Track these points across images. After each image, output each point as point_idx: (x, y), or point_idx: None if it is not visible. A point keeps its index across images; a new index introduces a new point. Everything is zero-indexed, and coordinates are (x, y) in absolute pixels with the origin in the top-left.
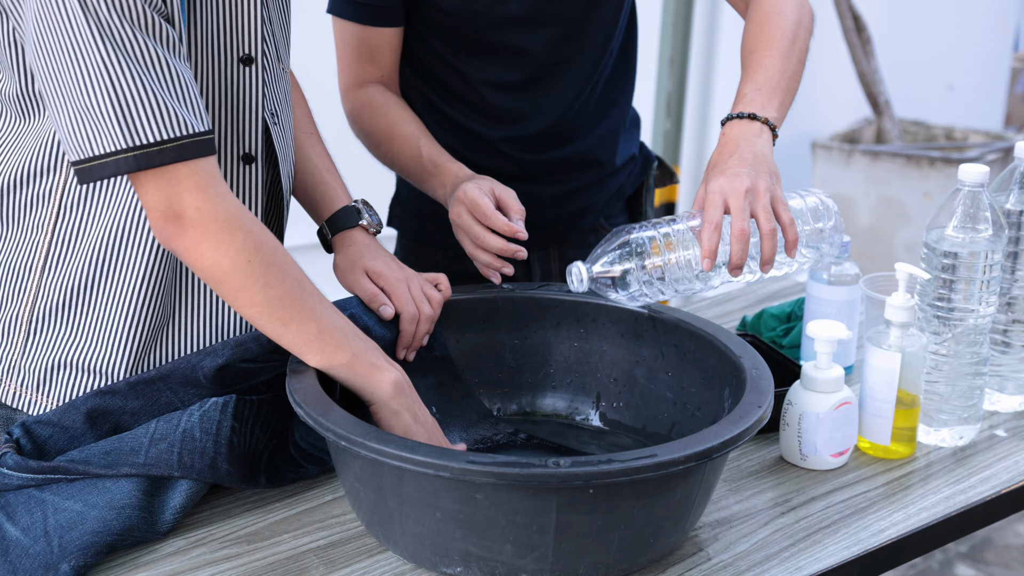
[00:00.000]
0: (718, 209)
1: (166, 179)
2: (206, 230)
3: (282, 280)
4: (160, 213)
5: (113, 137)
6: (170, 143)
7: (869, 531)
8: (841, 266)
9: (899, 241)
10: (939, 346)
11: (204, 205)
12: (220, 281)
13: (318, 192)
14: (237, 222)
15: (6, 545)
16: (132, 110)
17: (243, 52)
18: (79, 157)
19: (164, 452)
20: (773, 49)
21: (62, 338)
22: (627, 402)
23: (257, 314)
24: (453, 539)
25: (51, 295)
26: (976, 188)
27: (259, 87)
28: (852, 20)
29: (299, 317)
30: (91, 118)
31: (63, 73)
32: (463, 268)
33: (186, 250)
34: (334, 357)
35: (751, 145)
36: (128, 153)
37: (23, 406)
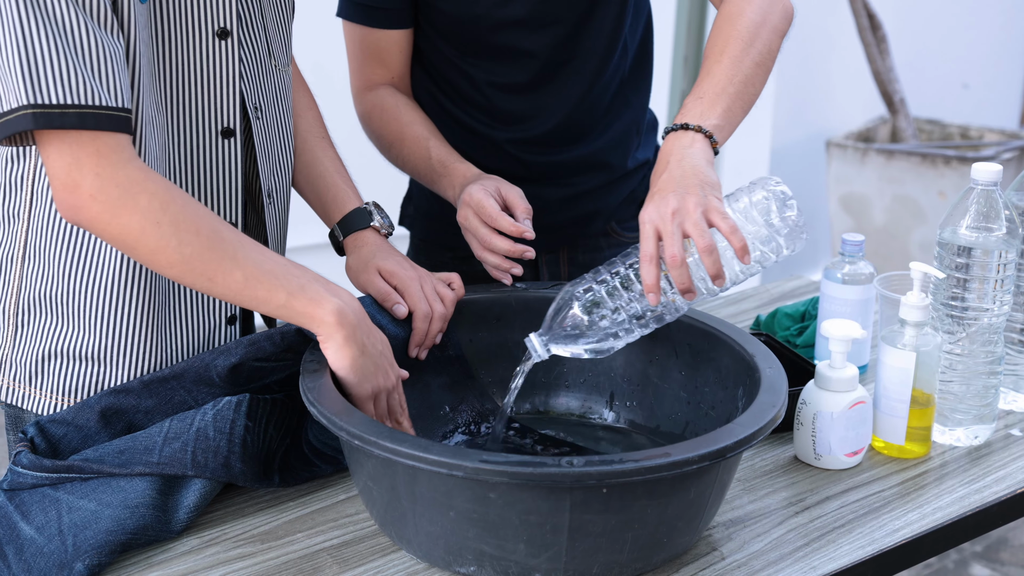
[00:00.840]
0: (650, 240)
1: (67, 144)
2: (107, 196)
3: (196, 235)
4: (60, 182)
5: (17, 93)
6: (73, 108)
7: (884, 531)
8: (856, 265)
9: (914, 240)
10: (953, 345)
11: (104, 171)
12: (132, 247)
13: (329, 195)
14: (139, 185)
15: (21, 544)
16: (39, 69)
17: (219, 25)
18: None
19: (178, 451)
20: (725, 54)
21: (50, 328)
22: (641, 401)
23: (179, 274)
24: (466, 538)
25: (34, 285)
26: (990, 187)
27: (235, 61)
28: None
29: (222, 268)
30: (2, 74)
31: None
32: (472, 269)
33: (91, 221)
34: (269, 301)
35: (680, 160)
36: (28, 110)
37: (17, 401)
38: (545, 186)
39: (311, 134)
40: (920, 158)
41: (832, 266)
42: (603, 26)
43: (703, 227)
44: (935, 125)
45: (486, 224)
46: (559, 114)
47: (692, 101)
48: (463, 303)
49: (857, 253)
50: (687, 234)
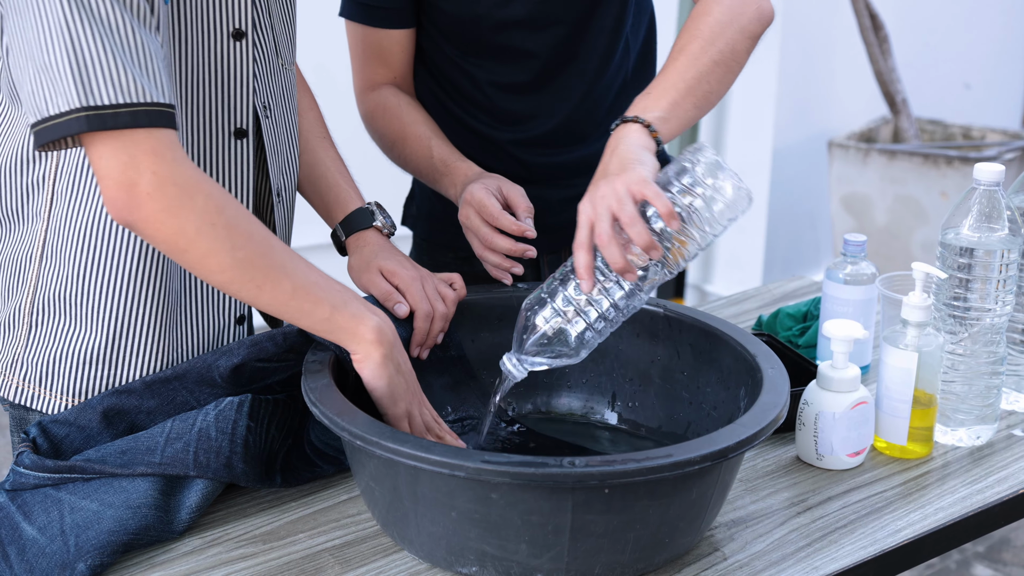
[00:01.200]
0: (583, 228)
1: (122, 143)
2: (164, 195)
3: (248, 240)
4: (114, 181)
5: (68, 96)
6: (125, 107)
7: (886, 531)
8: (858, 266)
9: (916, 240)
10: (955, 345)
11: (161, 169)
12: (185, 249)
13: (331, 195)
14: (196, 185)
15: (23, 544)
16: (89, 70)
17: (234, 26)
18: (36, 118)
19: (180, 451)
20: (683, 52)
21: (64, 329)
22: (643, 401)
23: (228, 279)
24: (468, 539)
25: (50, 285)
26: (992, 187)
27: (250, 62)
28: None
29: (272, 276)
30: (49, 77)
31: (27, 32)
32: (474, 269)
33: (144, 220)
34: (313, 313)
35: (614, 150)
36: (81, 113)
37: (25, 401)
38: (547, 187)
39: (312, 134)
40: (922, 158)
41: (834, 266)
42: (604, 26)
43: (624, 199)
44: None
45: (487, 223)
46: (560, 114)
47: (639, 98)
48: (465, 303)
49: (859, 253)
50: (614, 213)
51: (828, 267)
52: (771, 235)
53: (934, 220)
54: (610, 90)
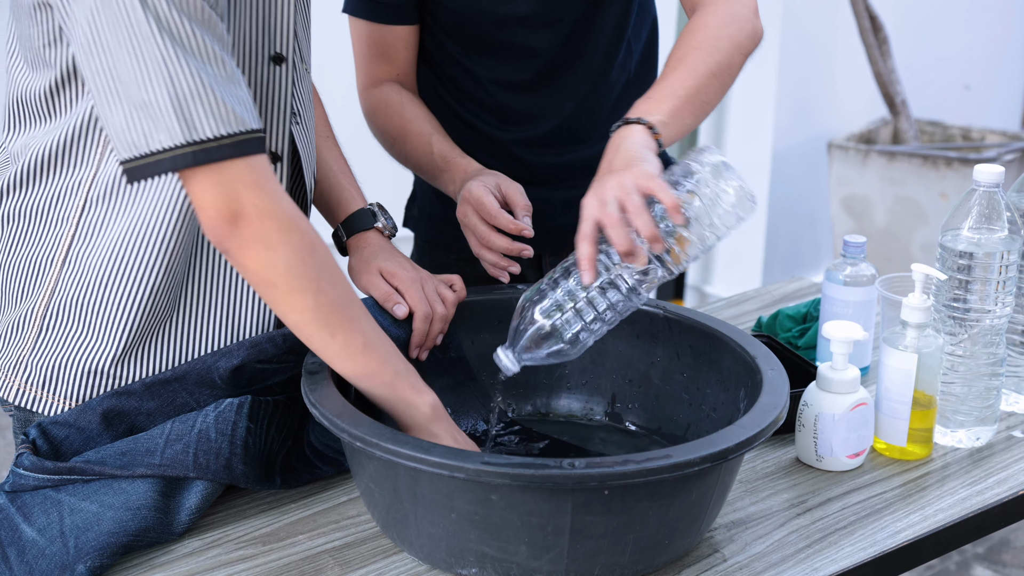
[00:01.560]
0: (587, 221)
1: (224, 176)
2: (264, 228)
3: (333, 286)
4: (216, 211)
5: (171, 132)
6: (228, 139)
7: (885, 532)
8: (857, 267)
9: (915, 242)
10: (955, 347)
11: (263, 203)
12: (273, 283)
13: (333, 195)
14: (294, 222)
15: (22, 546)
16: (190, 104)
17: (274, 51)
18: (132, 155)
19: (179, 453)
20: (682, 62)
21: (75, 336)
22: (642, 403)
23: (305, 321)
24: (468, 540)
25: (68, 290)
26: (991, 188)
27: (288, 87)
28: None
29: (347, 327)
30: (148, 113)
31: (120, 68)
32: (475, 271)
33: (239, 249)
34: (378, 374)
35: (618, 149)
36: (186, 149)
37: (28, 403)
38: (549, 188)
39: (317, 134)
40: (922, 160)
41: (834, 268)
42: (606, 25)
43: (630, 191)
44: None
45: (485, 221)
46: (562, 114)
47: (640, 102)
48: (464, 305)
49: (859, 255)
50: (621, 203)
51: (828, 268)
52: (771, 236)
53: (934, 221)
54: (612, 91)
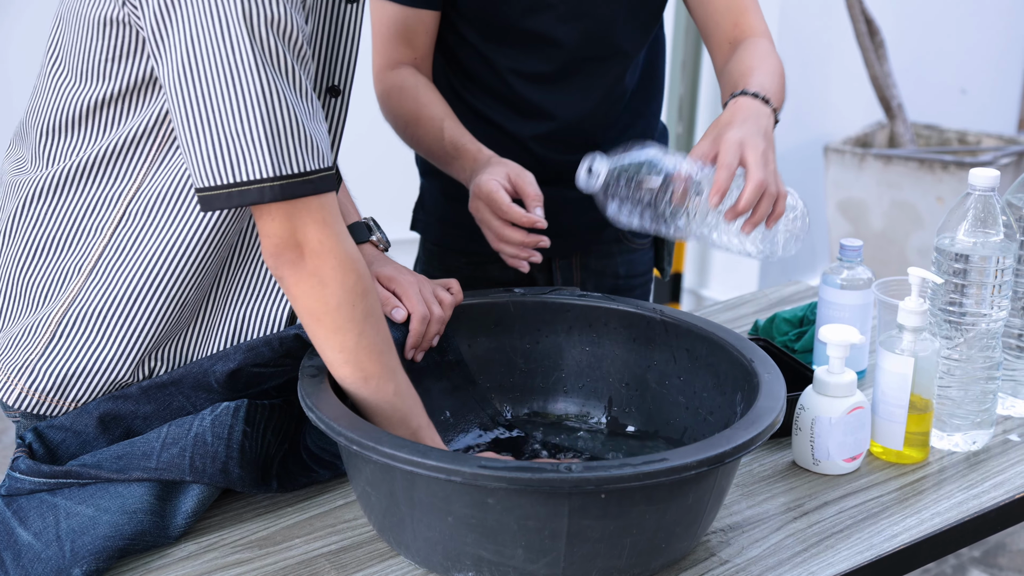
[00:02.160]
0: (736, 156)
1: (297, 209)
2: (324, 263)
3: (376, 332)
4: (280, 240)
5: (262, 164)
6: (313, 175)
7: (882, 536)
8: (854, 270)
9: (912, 245)
10: (952, 350)
11: (328, 240)
12: (320, 318)
13: None
14: (352, 263)
15: (18, 550)
16: (284, 138)
17: (333, 83)
18: (214, 183)
19: (176, 456)
20: (774, 76)
21: (89, 344)
22: (639, 407)
23: (343, 360)
24: (465, 544)
25: (90, 300)
26: (987, 192)
27: (342, 118)
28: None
29: (382, 373)
30: (241, 143)
31: (216, 96)
32: (486, 275)
33: (295, 279)
34: (402, 425)
35: (763, 122)
36: (275, 182)
37: (29, 407)
38: (562, 188)
39: None
40: (918, 163)
41: (830, 271)
42: (632, 30)
43: (780, 185)
44: (933, 130)
45: (498, 217)
46: (580, 111)
47: (765, 81)
48: (462, 308)
49: (855, 258)
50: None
51: (824, 272)
52: None
53: (930, 225)
54: (624, 96)
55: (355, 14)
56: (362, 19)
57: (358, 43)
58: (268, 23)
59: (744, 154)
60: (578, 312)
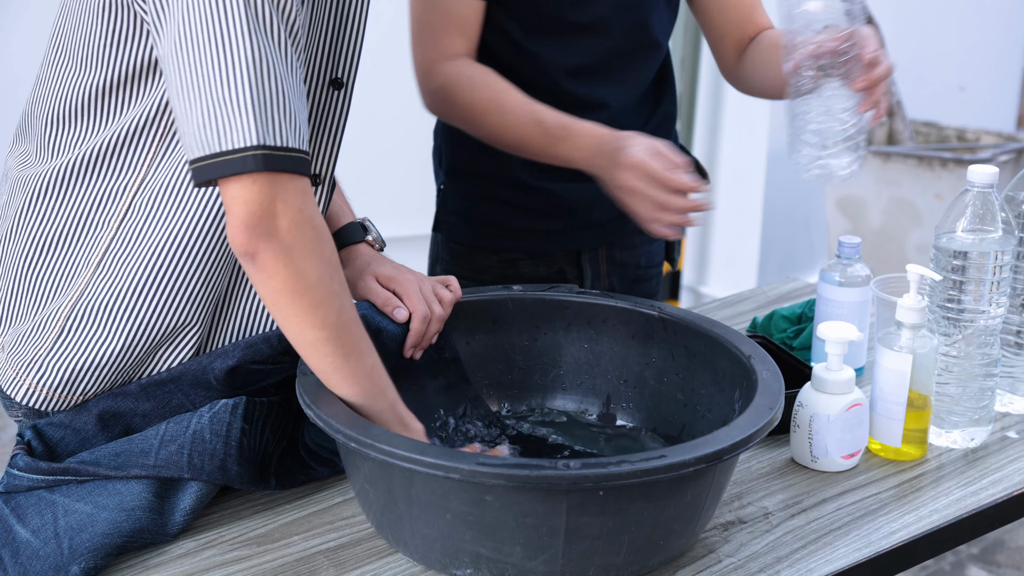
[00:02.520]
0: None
1: (274, 186)
2: (301, 235)
3: (352, 309)
4: (258, 206)
5: (247, 132)
6: (295, 152)
7: (880, 533)
8: (852, 267)
9: (910, 242)
10: (950, 347)
11: (307, 209)
12: (301, 293)
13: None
14: (326, 235)
15: (16, 547)
16: (271, 109)
17: (336, 75)
18: (203, 153)
19: (174, 454)
20: None
21: (97, 338)
22: (637, 404)
23: (323, 339)
24: (463, 541)
25: (97, 293)
26: (986, 189)
27: (345, 112)
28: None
29: (360, 349)
30: (228, 111)
31: (207, 63)
32: (518, 272)
33: (274, 255)
34: (379, 399)
35: None
36: (258, 151)
37: (37, 403)
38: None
39: None
40: (917, 160)
41: (829, 268)
42: (664, 22)
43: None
44: (932, 127)
45: (658, 185)
46: (620, 104)
47: None
48: (460, 306)
49: (854, 255)
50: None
51: (823, 269)
52: (766, 237)
53: (928, 222)
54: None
55: (361, 5)
56: (367, 11)
57: (363, 35)
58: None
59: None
60: (576, 309)
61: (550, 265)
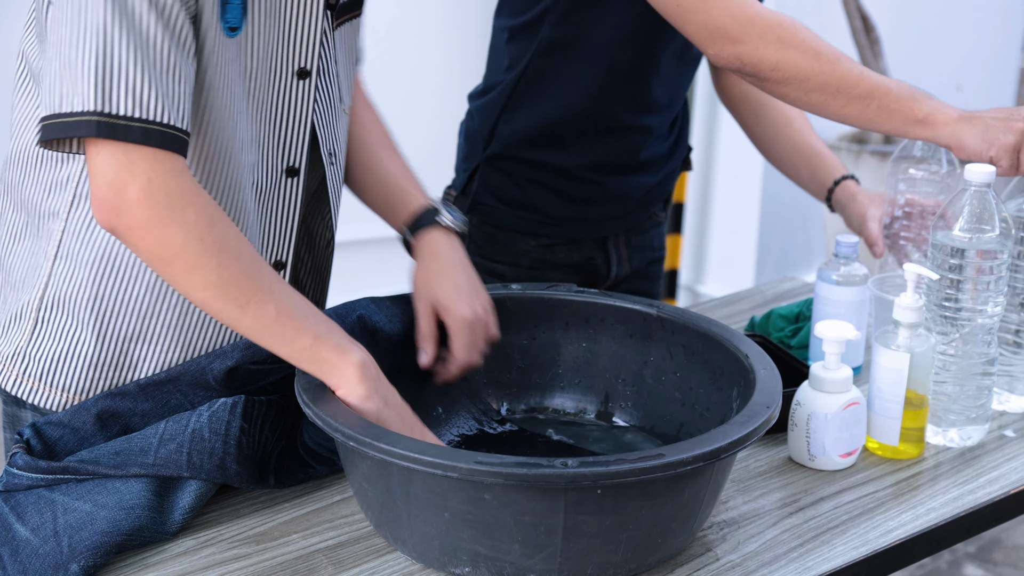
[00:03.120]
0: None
1: (127, 156)
2: (154, 203)
3: (237, 260)
4: (106, 180)
5: (85, 97)
6: (139, 122)
7: (877, 531)
8: (850, 267)
9: None
10: (947, 346)
11: (157, 177)
12: (169, 261)
13: (394, 198)
14: (189, 197)
15: (16, 545)
16: (114, 77)
17: (300, 65)
18: (48, 112)
19: (173, 452)
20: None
21: (69, 331)
22: (635, 402)
23: (212, 296)
24: (461, 539)
25: (60, 285)
26: (983, 188)
27: (311, 101)
28: (861, 21)
29: (257, 298)
30: (72, 74)
31: (63, 27)
32: (554, 257)
33: (129, 227)
34: (296, 340)
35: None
36: (93, 117)
37: (24, 395)
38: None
39: (380, 146)
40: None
41: (826, 267)
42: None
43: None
44: None
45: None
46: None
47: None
48: None
49: (851, 254)
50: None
51: (820, 268)
52: (763, 236)
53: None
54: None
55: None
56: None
57: (319, 24)
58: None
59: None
60: (575, 308)
61: (582, 251)
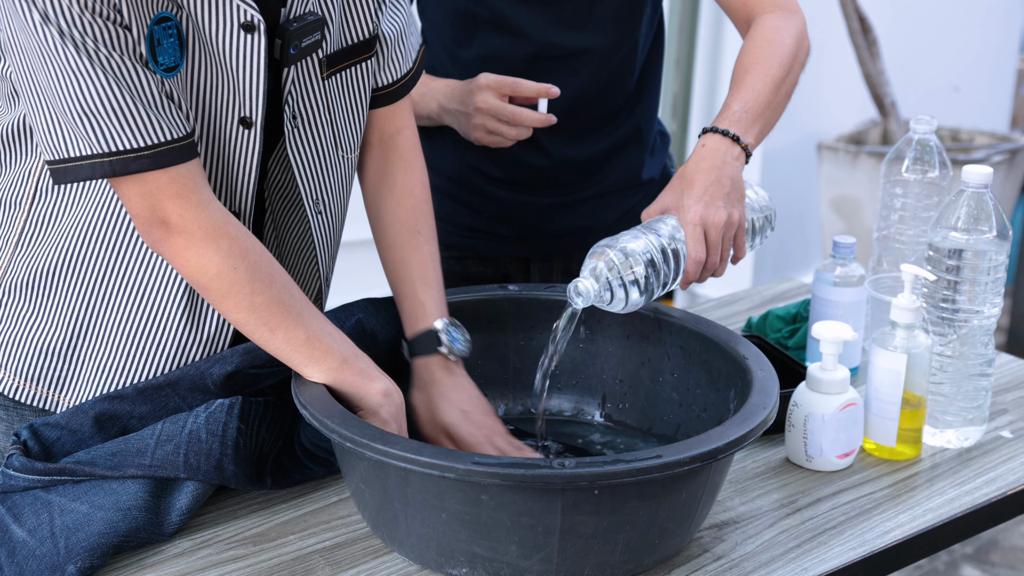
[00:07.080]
0: (701, 244)
1: (147, 186)
2: (191, 236)
3: (269, 287)
4: (144, 219)
5: (87, 142)
6: (146, 150)
7: (874, 532)
8: (847, 267)
9: None
10: (944, 347)
11: (187, 212)
12: (205, 287)
13: (406, 306)
14: (221, 229)
15: (12, 546)
16: (103, 118)
17: (242, 114)
18: (54, 157)
19: (170, 453)
20: (768, 75)
21: (25, 314)
22: (632, 403)
23: (244, 320)
24: (458, 540)
25: (19, 271)
26: (980, 189)
27: (256, 149)
28: (858, 21)
29: (287, 323)
30: (65, 121)
31: (36, 75)
32: (465, 270)
33: (172, 254)
34: (323, 362)
35: (729, 169)
36: (104, 158)
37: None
38: (540, 194)
39: (405, 230)
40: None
41: (824, 268)
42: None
43: (742, 243)
44: None
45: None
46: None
47: (739, 110)
48: (455, 305)
49: (848, 255)
50: (722, 245)
51: (817, 269)
52: None
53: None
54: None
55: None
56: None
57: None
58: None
59: (707, 234)
60: None
61: (498, 268)
